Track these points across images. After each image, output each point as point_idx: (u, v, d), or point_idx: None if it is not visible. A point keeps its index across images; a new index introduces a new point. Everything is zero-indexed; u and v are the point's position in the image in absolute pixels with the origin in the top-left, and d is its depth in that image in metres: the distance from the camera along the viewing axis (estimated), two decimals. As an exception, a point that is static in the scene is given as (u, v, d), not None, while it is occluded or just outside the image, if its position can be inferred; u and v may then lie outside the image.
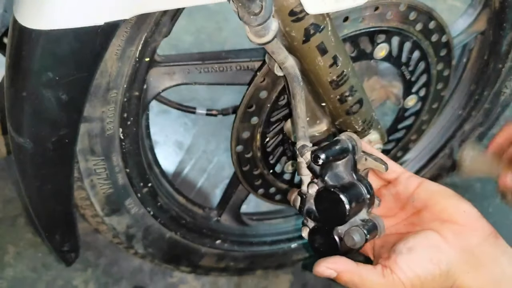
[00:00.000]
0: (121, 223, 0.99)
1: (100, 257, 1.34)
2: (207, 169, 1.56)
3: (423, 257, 0.64)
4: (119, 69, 0.79)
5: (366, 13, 0.89)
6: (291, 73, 0.77)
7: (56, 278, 1.29)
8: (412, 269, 0.63)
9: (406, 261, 0.64)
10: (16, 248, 1.33)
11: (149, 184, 0.98)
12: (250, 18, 0.66)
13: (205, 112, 1.24)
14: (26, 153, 0.75)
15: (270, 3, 0.66)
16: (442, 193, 0.70)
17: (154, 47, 0.82)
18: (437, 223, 0.67)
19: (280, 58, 0.76)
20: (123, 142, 0.88)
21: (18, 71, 0.68)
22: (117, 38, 0.75)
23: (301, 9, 0.72)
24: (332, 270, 0.65)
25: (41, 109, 0.71)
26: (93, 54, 0.70)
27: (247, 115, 0.92)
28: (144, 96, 0.88)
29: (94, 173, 0.88)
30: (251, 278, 1.33)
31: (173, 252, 1.12)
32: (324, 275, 0.66)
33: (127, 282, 1.31)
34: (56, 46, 0.65)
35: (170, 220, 1.05)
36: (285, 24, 0.74)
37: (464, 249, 0.64)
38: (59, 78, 0.68)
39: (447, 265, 0.63)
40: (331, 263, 0.66)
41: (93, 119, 0.82)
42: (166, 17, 0.80)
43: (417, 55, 0.99)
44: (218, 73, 0.93)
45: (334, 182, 0.70)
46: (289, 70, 0.77)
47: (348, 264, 0.65)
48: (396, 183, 0.73)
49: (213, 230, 1.14)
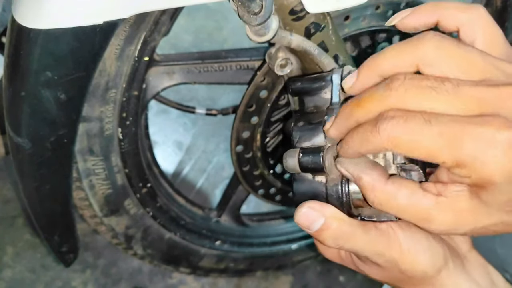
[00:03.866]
0: (120, 223, 0.99)
1: (99, 258, 1.34)
2: (207, 169, 1.56)
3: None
4: (118, 68, 0.78)
5: (367, 12, 0.89)
6: (304, 46, 0.75)
7: (55, 279, 1.29)
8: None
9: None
10: (14, 249, 1.33)
11: (148, 185, 0.97)
12: (250, 17, 0.65)
13: (205, 112, 1.24)
14: (25, 153, 0.74)
15: (270, 2, 0.65)
16: None
17: (153, 46, 0.82)
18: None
19: (285, 43, 0.75)
20: (122, 142, 0.87)
21: (16, 70, 0.68)
22: (116, 37, 0.75)
23: (301, 8, 0.72)
24: (318, 212, 0.50)
25: (40, 109, 0.70)
26: (92, 54, 0.69)
27: (247, 114, 0.92)
28: (143, 96, 0.88)
29: (93, 173, 0.88)
30: (251, 280, 1.33)
31: (172, 253, 1.11)
32: (305, 224, 0.50)
33: (126, 283, 1.30)
34: (54, 46, 0.65)
35: (169, 221, 1.05)
36: (285, 23, 0.73)
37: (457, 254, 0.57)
38: (58, 78, 0.68)
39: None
40: (317, 204, 0.51)
41: (92, 118, 0.81)
42: (165, 16, 0.79)
43: (418, 54, 0.99)
44: (218, 72, 0.92)
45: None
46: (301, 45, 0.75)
47: (338, 212, 0.51)
48: None
49: (212, 231, 1.14)
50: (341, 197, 0.53)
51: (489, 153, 0.39)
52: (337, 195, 0.53)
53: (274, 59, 0.81)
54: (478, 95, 0.41)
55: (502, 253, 1.08)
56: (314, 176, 0.54)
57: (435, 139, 0.41)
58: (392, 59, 0.45)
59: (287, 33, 0.74)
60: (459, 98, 0.41)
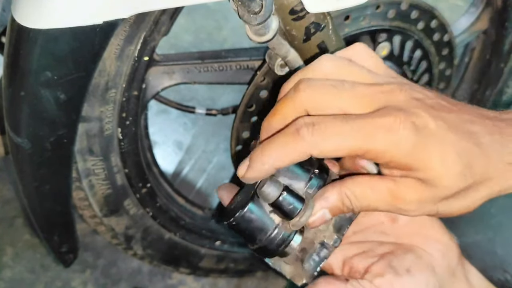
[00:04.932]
0: (120, 224, 0.99)
1: (99, 258, 1.33)
2: (207, 169, 1.56)
3: (421, 282, 0.57)
4: (118, 68, 0.78)
5: (367, 12, 0.88)
6: (295, 66, 0.77)
7: (54, 279, 1.29)
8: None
9: (404, 285, 0.56)
10: (14, 249, 1.32)
11: (148, 185, 0.97)
12: (250, 17, 0.65)
13: (205, 112, 1.23)
14: (24, 153, 0.74)
15: (271, 2, 0.65)
16: None
17: (153, 46, 0.82)
18: (419, 238, 0.60)
19: (282, 53, 0.76)
20: (122, 142, 0.87)
21: (16, 70, 0.68)
22: (116, 37, 0.74)
23: (301, 7, 0.72)
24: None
25: (39, 109, 0.70)
26: (91, 53, 0.69)
27: (247, 114, 0.91)
28: (143, 96, 0.88)
29: (93, 174, 0.88)
30: (251, 280, 1.33)
31: (172, 253, 1.11)
32: None
33: (126, 283, 1.30)
34: (54, 46, 0.65)
35: (169, 221, 1.05)
36: (285, 23, 0.73)
37: (450, 272, 0.59)
38: (58, 78, 0.68)
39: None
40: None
41: (92, 118, 0.81)
42: (165, 16, 0.79)
43: (419, 54, 0.99)
44: (218, 72, 0.92)
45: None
46: (292, 63, 0.77)
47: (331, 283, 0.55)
48: None
49: (212, 231, 1.14)
50: (281, 245, 0.53)
51: (393, 138, 0.48)
52: (280, 241, 0.53)
53: (274, 59, 0.81)
54: (371, 92, 0.50)
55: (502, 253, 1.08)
56: (271, 212, 0.53)
57: (355, 136, 0.48)
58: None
59: (286, 43, 0.74)
60: (357, 96, 0.50)
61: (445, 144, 0.49)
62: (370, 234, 0.62)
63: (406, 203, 0.51)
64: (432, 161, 0.49)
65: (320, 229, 0.56)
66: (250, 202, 0.52)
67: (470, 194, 0.51)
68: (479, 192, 0.51)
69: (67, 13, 0.63)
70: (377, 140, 0.48)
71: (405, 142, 0.48)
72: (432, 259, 0.58)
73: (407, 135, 0.48)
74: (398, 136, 0.48)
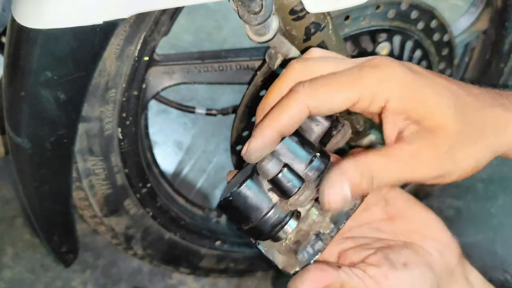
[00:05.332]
0: (120, 223, 0.99)
1: (99, 258, 1.33)
2: (207, 169, 1.56)
3: (418, 277, 0.55)
4: (118, 68, 0.78)
5: (367, 12, 0.88)
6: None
7: (54, 279, 1.29)
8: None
9: (400, 278, 0.55)
10: (14, 249, 1.32)
11: (148, 185, 0.97)
12: (250, 17, 0.65)
13: (205, 112, 1.23)
14: (24, 153, 0.74)
15: (271, 2, 0.65)
16: (419, 205, 0.62)
17: (153, 46, 0.82)
18: (417, 236, 0.59)
19: (283, 52, 0.76)
20: (122, 142, 0.87)
21: (16, 70, 0.68)
22: (116, 37, 0.74)
23: (301, 7, 0.72)
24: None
25: (40, 109, 0.70)
26: (91, 53, 0.69)
27: (247, 114, 0.91)
28: (143, 96, 0.88)
29: (93, 174, 0.88)
30: (251, 280, 1.33)
31: (172, 253, 1.11)
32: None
33: (126, 283, 1.30)
34: (54, 46, 0.65)
35: (169, 221, 1.05)
36: (285, 23, 0.73)
37: (448, 272, 0.59)
38: (58, 78, 0.68)
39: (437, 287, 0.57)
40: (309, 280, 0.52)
41: (92, 118, 0.81)
42: (165, 16, 0.79)
43: (419, 54, 0.99)
44: (218, 72, 0.92)
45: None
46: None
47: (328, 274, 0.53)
48: None
49: (212, 231, 1.13)
50: (276, 225, 0.52)
51: (381, 75, 0.49)
52: (275, 221, 0.52)
53: (274, 59, 0.81)
54: (357, 60, 0.52)
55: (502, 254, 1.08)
56: (269, 190, 0.52)
57: (346, 81, 0.49)
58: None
59: (287, 41, 0.74)
60: (347, 63, 0.51)
61: (436, 85, 0.50)
62: (367, 231, 0.62)
63: (425, 163, 0.50)
64: (428, 101, 0.49)
65: (316, 221, 0.55)
66: (248, 178, 0.52)
67: (473, 144, 0.51)
68: (481, 143, 0.52)
69: (67, 13, 0.63)
70: (367, 79, 0.49)
71: (395, 79, 0.49)
72: (429, 256, 0.58)
73: (395, 71, 0.49)
74: (386, 72, 0.49)
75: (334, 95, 0.49)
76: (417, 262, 0.56)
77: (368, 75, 0.49)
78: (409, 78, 0.50)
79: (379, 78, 0.49)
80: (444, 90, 0.51)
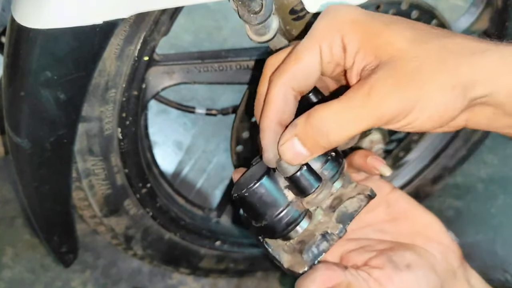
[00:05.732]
0: (119, 224, 0.98)
1: (99, 258, 1.33)
2: (207, 169, 1.56)
3: (422, 279, 0.56)
4: (118, 68, 0.78)
5: (367, 12, 0.88)
6: None
7: (54, 280, 1.28)
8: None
9: (404, 280, 0.55)
10: (14, 249, 1.32)
11: (148, 185, 0.97)
12: (250, 16, 0.65)
13: (205, 112, 1.23)
14: (24, 153, 0.74)
15: (271, 2, 0.65)
16: (420, 207, 0.61)
17: (153, 46, 0.82)
18: (420, 238, 0.59)
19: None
20: (122, 142, 0.87)
21: (16, 70, 0.68)
22: (116, 37, 0.74)
23: (301, 7, 0.72)
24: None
25: (39, 109, 0.70)
26: (91, 53, 0.69)
27: (247, 114, 0.91)
28: (143, 96, 0.88)
29: (93, 174, 0.87)
30: (251, 280, 1.33)
31: (172, 254, 1.11)
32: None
33: (126, 284, 1.30)
34: (54, 45, 0.65)
35: (169, 221, 1.05)
36: (285, 23, 0.73)
37: (451, 273, 0.59)
38: (57, 78, 0.68)
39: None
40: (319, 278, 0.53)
41: (92, 118, 0.81)
42: (165, 15, 0.79)
43: (419, 54, 0.99)
44: (218, 72, 0.92)
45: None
46: None
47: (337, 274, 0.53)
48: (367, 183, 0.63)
49: (212, 231, 1.13)
50: (290, 224, 0.52)
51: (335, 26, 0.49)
52: (290, 220, 0.52)
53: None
54: None
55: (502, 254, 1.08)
56: (286, 188, 0.52)
57: (306, 44, 0.50)
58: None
59: (285, 41, 0.74)
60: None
61: (390, 17, 0.49)
62: (369, 232, 0.62)
63: (384, 97, 0.45)
64: (383, 32, 0.47)
65: (321, 222, 0.55)
66: (265, 175, 0.52)
67: (437, 73, 0.45)
68: (447, 72, 0.45)
69: (67, 13, 0.63)
70: (318, 29, 0.50)
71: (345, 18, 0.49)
72: (432, 258, 0.58)
73: (345, 11, 0.50)
74: (335, 15, 0.50)
75: (301, 61, 0.50)
76: (421, 264, 0.56)
77: (319, 25, 0.50)
78: (361, 15, 0.49)
79: (329, 23, 0.50)
80: (400, 20, 0.49)
